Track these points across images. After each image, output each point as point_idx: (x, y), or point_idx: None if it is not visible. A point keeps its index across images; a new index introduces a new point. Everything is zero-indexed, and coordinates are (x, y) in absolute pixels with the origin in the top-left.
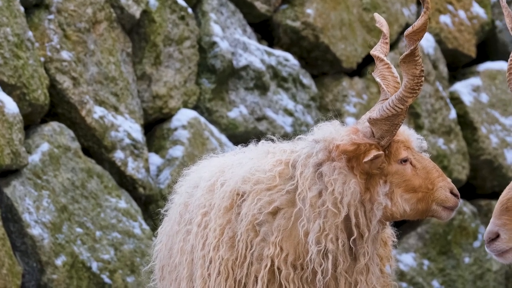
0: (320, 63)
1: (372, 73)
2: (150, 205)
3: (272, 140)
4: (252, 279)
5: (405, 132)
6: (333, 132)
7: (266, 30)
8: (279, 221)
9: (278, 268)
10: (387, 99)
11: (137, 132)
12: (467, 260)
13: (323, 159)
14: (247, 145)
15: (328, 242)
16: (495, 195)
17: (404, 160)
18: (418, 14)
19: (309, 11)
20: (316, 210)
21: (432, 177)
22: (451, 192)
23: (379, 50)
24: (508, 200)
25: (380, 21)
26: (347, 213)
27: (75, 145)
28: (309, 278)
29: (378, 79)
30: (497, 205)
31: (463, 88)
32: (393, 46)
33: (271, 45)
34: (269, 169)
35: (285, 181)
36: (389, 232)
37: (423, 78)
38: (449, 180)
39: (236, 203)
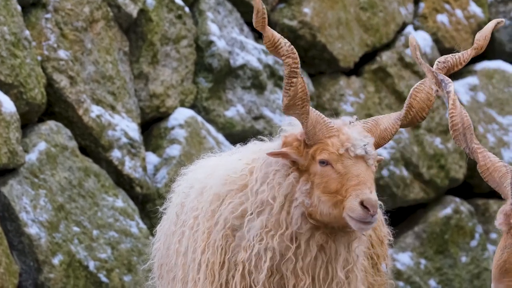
0: (317, 62)
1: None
2: (147, 204)
3: (263, 140)
4: (231, 284)
5: (345, 135)
6: (296, 128)
7: None
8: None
9: (251, 273)
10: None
11: (134, 131)
12: (464, 259)
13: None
14: (245, 144)
15: (269, 239)
16: (492, 194)
17: (322, 163)
18: (415, 13)
19: (306, 10)
20: (259, 204)
21: (349, 184)
22: (362, 204)
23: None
24: (505, 262)
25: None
26: (283, 206)
27: (72, 144)
28: (276, 280)
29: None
30: (495, 269)
31: (460, 87)
32: (390, 45)
33: None
34: (242, 168)
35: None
36: (386, 231)
37: (294, 80)
38: (369, 191)
39: (219, 206)
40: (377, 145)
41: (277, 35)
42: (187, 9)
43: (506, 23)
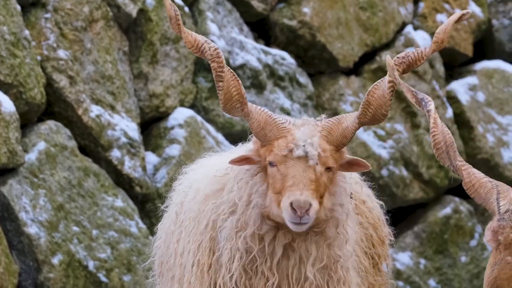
0: (317, 62)
1: None
2: (147, 203)
3: None
4: (218, 285)
5: (292, 135)
6: None
7: (262, 29)
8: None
9: (232, 273)
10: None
11: (133, 131)
12: (463, 259)
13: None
14: (245, 143)
15: (238, 239)
16: None
17: (270, 164)
18: (414, 13)
19: (305, 10)
20: (232, 204)
21: (286, 185)
22: (291, 205)
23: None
24: (496, 279)
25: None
26: (248, 206)
27: (72, 143)
28: (257, 281)
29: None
30: (486, 286)
31: (460, 87)
32: (389, 45)
33: (267, 44)
34: (226, 167)
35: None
36: (387, 231)
37: (220, 84)
38: (299, 193)
39: (207, 207)
40: (340, 144)
41: (201, 40)
42: (186, 8)
43: (505, 23)
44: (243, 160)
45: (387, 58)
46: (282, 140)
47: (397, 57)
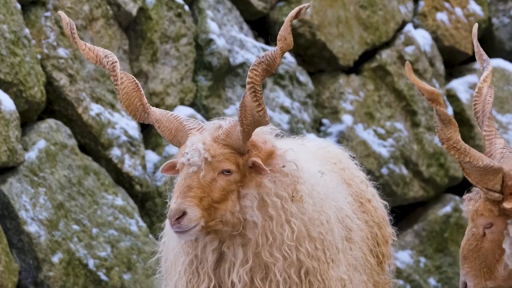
0: (317, 60)
1: None
2: (147, 202)
3: None
4: (175, 286)
5: (186, 142)
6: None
7: (262, 28)
8: None
9: (181, 275)
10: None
11: (133, 129)
12: None
13: None
14: None
15: (181, 243)
16: None
17: (179, 171)
18: (414, 11)
19: None
20: None
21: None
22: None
23: None
24: (463, 249)
25: None
26: None
27: (72, 142)
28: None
29: None
30: (460, 255)
31: (460, 86)
32: (389, 43)
33: (267, 42)
34: None
35: None
36: (390, 231)
37: (118, 96)
38: (174, 201)
39: None
40: (239, 146)
41: (101, 54)
42: (186, 7)
43: (505, 21)
44: (174, 167)
45: (475, 26)
46: (182, 147)
47: (257, 57)
